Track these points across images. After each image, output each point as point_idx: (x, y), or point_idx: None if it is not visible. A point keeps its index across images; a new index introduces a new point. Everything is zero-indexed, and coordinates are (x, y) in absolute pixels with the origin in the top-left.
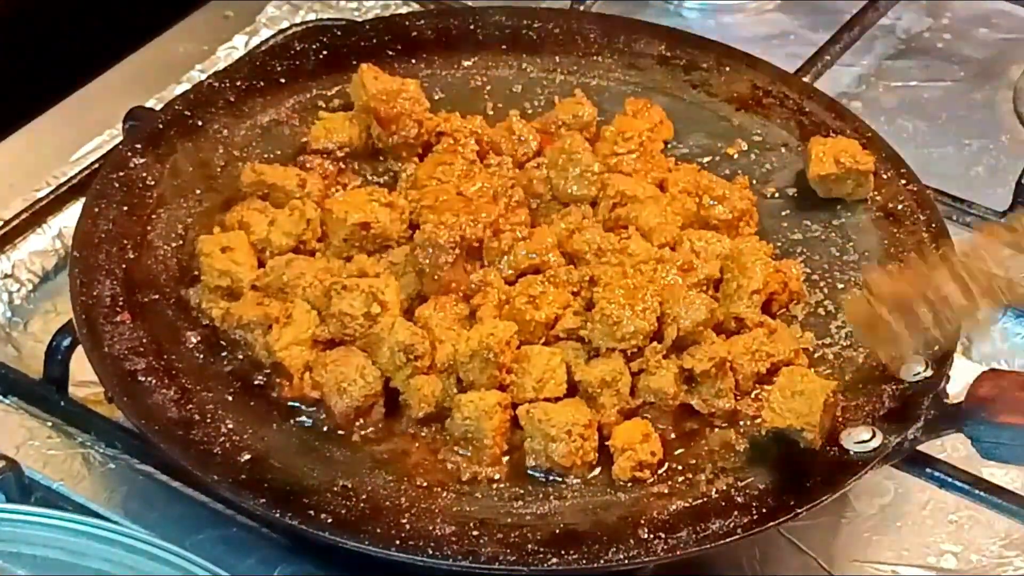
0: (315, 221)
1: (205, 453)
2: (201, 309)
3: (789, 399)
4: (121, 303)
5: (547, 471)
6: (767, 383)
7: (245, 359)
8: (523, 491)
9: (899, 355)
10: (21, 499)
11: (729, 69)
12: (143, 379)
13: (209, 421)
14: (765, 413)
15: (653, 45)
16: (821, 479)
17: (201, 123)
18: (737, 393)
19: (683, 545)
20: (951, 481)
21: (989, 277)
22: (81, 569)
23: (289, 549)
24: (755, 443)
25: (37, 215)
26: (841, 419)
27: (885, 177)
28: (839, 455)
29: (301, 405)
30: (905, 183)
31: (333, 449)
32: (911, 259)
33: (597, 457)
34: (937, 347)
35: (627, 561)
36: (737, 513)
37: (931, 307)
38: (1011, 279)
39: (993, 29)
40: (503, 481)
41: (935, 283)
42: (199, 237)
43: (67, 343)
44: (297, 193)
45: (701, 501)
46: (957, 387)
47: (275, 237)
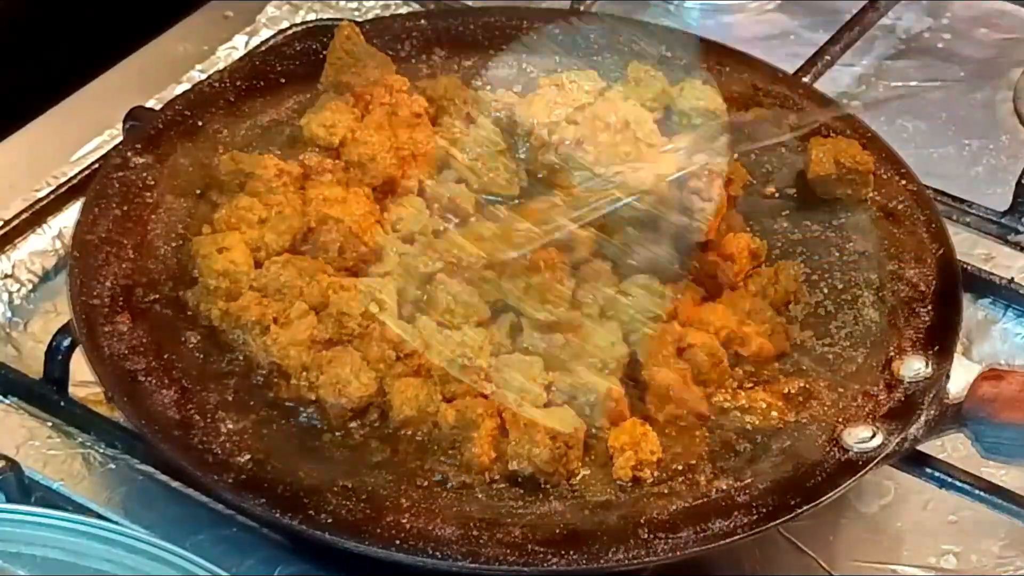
0: (303, 221)
1: (205, 454)
2: (200, 310)
3: None
4: (120, 304)
5: (530, 476)
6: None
7: (245, 359)
8: (525, 491)
9: None
10: (21, 499)
11: (728, 69)
12: (143, 380)
13: (209, 422)
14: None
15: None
16: (822, 478)
17: (200, 123)
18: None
19: (685, 545)
20: (951, 481)
21: None
22: (81, 569)
23: (289, 549)
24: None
25: (37, 215)
26: (842, 418)
27: (884, 177)
28: (840, 454)
29: (299, 406)
30: (904, 183)
31: (334, 449)
32: None
33: (581, 464)
34: None
35: (631, 562)
36: (739, 513)
37: None
38: None
39: (993, 29)
40: (504, 482)
41: None
42: (193, 238)
43: (67, 343)
44: (274, 183)
45: (702, 501)
46: (956, 387)
47: (269, 238)
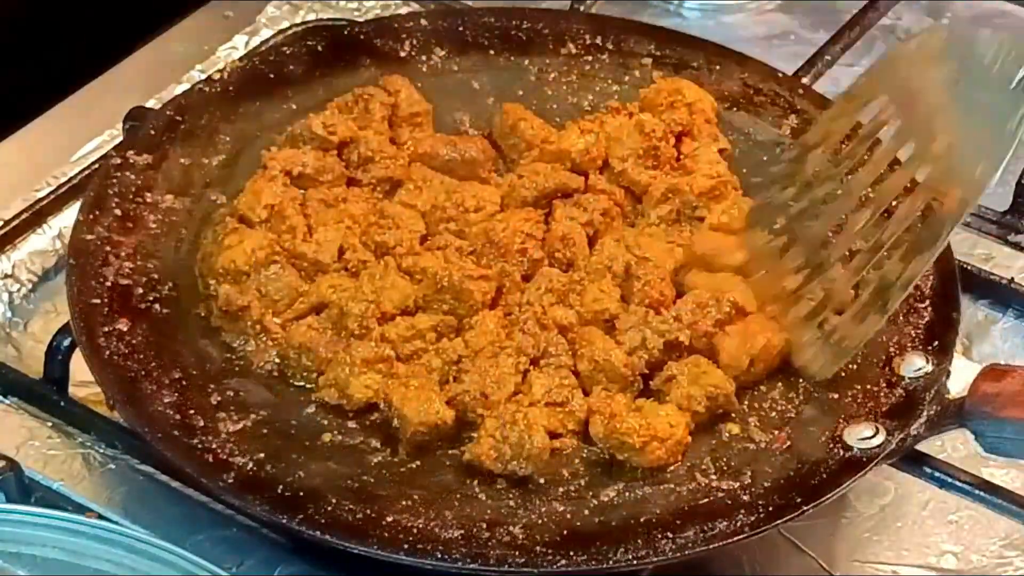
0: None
1: (205, 454)
2: (201, 309)
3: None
4: (120, 305)
5: (530, 476)
6: None
7: (244, 360)
8: (526, 492)
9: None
10: (21, 499)
11: (720, 67)
12: (142, 382)
13: (209, 423)
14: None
15: (643, 44)
16: (825, 476)
17: (200, 123)
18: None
19: (690, 544)
20: (951, 481)
21: None
22: (81, 569)
23: (289, 549)
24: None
25: (37, 215)
26: (843, 417)
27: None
28: (842, 453)
29: (300, 407)
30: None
31: (334, 450)
32: None
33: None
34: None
35: (635, 561)
36: (743, 512)
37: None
38: None
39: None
40: (505, 482)
41: None
42: (238, 248)
43: (67, 343)
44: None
45: (706, 500)
46: (957, 387)
47: (321, 255)
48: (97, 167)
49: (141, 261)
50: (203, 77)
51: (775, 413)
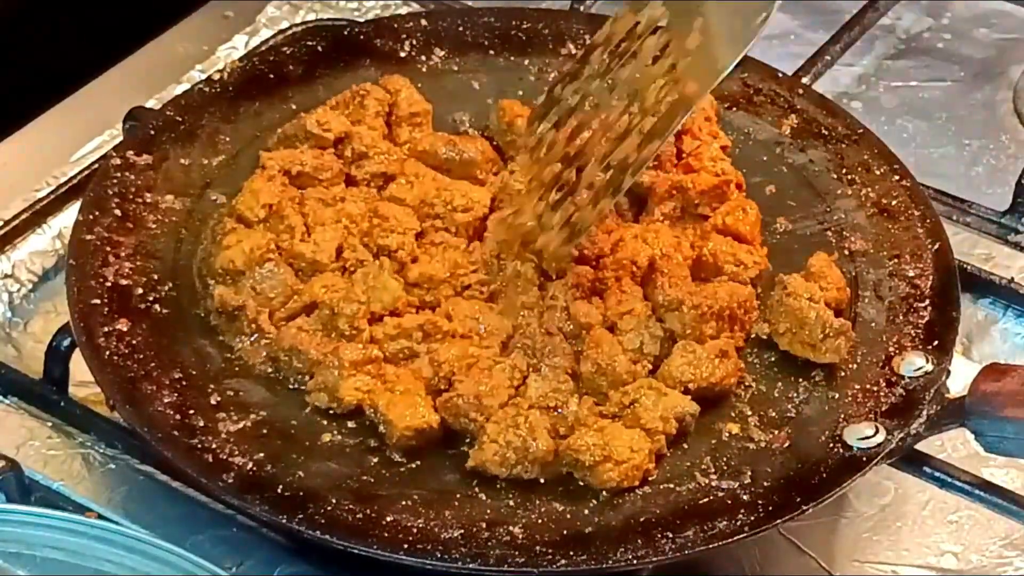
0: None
1: (205, 455)
2: (201, 308)
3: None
4: (120, 306)
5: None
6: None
7: (243, 360)
8: (529, 493)
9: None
10: (21, 499)
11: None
12: (143, 385)
13: (209, 423)
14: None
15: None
16: (826, 476)
17: (200, 123)
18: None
19: (691, 544)
20: (951, 481)
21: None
22: (81, 569)
23: (289, 549)
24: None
25: (37, 215)
26: (843, 416)
27: (878, 173)
28: (842, 452)
29: (299, 407)
30: (899, 179)
31: (334, 450)
32: None
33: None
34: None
35: (635, 561)
36: (743, 512)
37: None
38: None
39: (993, 29)
40: (505, 482)
41: None
42: (236, 248)
43: (67, 343)
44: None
45: (706, 500)
46: (956, 387)
47: (319, 256)
48: (97, 167)
49: (141, 261)
50: (203, 77)
51: (775, 413)
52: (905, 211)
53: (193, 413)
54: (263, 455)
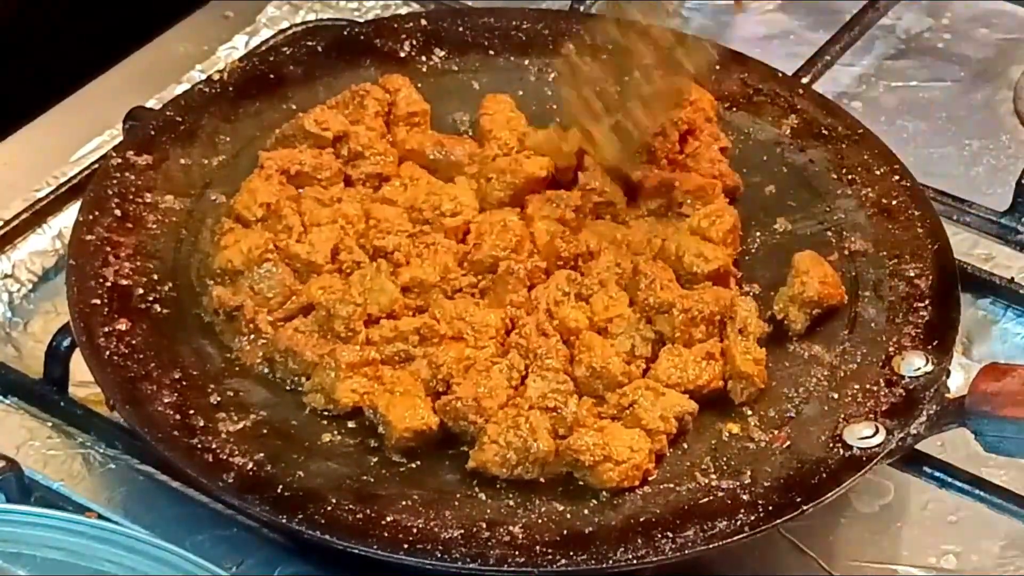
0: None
1: (205, 455)
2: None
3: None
4: (120, 306)
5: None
6: None
7: (243, 360)
8: (529, 493)
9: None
10: (21, 499)
11: (720, 67)
12: (143, 385)
13: (210, 426)
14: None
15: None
16: (825, 476)
17: (200, 123)
18: None
19: (691, 544)
20: (951, 481)
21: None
22: (81, 569)
23: (289, 549)
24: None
25: (37, 215)
26: (843, 416)
27: (878, 173)
28: (842, 452)
29: (298, 407)
30: (899, 179)
31: (334, 450)
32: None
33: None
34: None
35: (635, 561)
36: (743, 511)
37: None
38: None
39: (993, 29)
40: (505, 482)
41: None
42: (234, 248)
43: (67, 343)
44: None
45: (707, 500)
46: (956, 387)
47: (315, 256)
48: (97, 167)
49: (141, 261)
50: (203, 77)
51: (775, 412)
52: (905, 211)
53: (193, 413)
54: (263, 455)
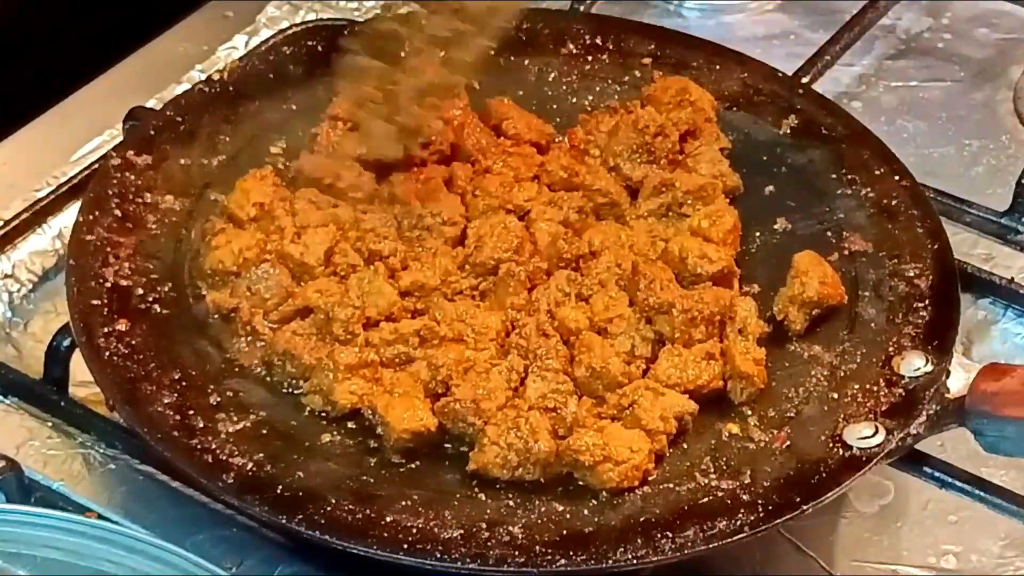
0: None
1: (205, 455)
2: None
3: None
4: (119, 306)
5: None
6: None
7: (242, 360)
8: (529, 493)
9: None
10: (21, 499)
11: (719, 67)
12: (143, 385)
13: (210, 426)
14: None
15: (643, 44)
16: (825, 476)
17: (200, 123)
18: None
19: (691, 544)
20: (951, 481)
21: None
22: (81, 569)
23: (289, 549)
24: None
25: (37, 215)
26: (843, 416)
27: (878, 173)
28: (842, 452)
29: (297, 407)
30: (899, 179)
31: (333, 450)
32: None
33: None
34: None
35: (635, 561)
36: (743, 511)
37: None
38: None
39: (993, 29)
40: (504, 482)
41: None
42: (225, 249)
43: (67, 343)
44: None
45: (706, 500)
46: (956, 387)
47: (307, 258)
48: (97, 167)
49: (141, 261)
50: (203, 77)
51: (775, 412)
52: (905, 211)
53: (193, 413)
54: (263, 455)
